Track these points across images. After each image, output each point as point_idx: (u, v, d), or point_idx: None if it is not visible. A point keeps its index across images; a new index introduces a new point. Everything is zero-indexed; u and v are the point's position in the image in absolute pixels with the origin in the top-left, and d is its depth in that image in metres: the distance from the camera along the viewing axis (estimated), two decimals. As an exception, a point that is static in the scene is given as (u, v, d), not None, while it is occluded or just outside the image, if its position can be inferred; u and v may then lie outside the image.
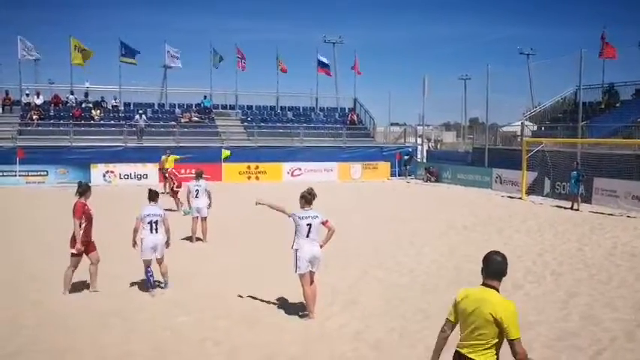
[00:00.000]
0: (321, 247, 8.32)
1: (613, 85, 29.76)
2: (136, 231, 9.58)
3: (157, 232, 9.53)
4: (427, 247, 13.79)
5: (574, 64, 26.62)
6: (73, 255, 9.29)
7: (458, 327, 4.51)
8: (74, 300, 9.21)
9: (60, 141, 30.61)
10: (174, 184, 19.99)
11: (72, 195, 9.76)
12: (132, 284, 10.08)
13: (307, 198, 8.30)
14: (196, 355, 7.06)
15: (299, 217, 8.15)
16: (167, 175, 19.91)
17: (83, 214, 9.16)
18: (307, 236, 8.14)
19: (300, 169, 32.71)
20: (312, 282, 8.30)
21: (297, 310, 8.69)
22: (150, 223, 9.47)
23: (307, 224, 8.13)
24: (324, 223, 8.28)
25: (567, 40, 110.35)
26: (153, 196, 9.89)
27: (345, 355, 7.03)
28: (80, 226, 9.12)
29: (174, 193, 19.86)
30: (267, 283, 9.94)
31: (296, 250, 8.17)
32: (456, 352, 4.45)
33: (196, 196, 14.01)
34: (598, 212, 19.82)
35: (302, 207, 8.28)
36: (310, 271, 8.23)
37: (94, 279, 9.63)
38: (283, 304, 9.02)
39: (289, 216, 8.28)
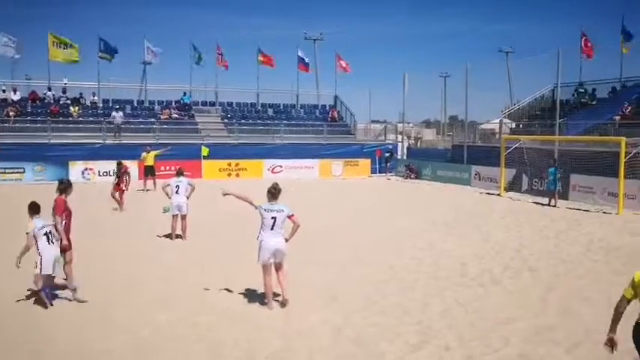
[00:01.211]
0: (286, 240, 8.61)
1: (582, 84, 30.23)
2: (27, 248, 8.71)
3: (53, 242, 8.82)
4: (407, 243, 13.89)
5: (552, 63, 26.95)
6: (64, 251, 9.10)
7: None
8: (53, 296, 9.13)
9: (37, 138, 30.20)
10: (124, 182, 19.39)
11: (49, 192, 9.66)
12: (112, 281, 10.01)
13: (272, 192, 8.59)
14: (177, 351, 7.04)
15: (264, 210, 8.49)
16: (122, 172, 19.57)
17: (64, 211, 9.04)
18: (272, 229, 8.46)
19: (280, 166, 32.70)
20: (279, 272, 8.65)
21: (277, 305, 8.71)
22: (45, 234, 8.70)
23: (272, 217, 8.45)
24: (289, 217, 8.56)
25: (547, 39, 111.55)
26: (36, 209, 9.04)
27: (324, 349, 7.07)
28: (61, 223, 9.00)
29: (120, 192, 19.16)
30: (247, 280, 9.92)
31: (260, 241, 8.52)
32: (637, 323, 5.10)
33: (177, 193, 13.93)
34: (575, 208, 20.11)
35: (268, 201, 8.57)
36: (275, 262, 8.58)
37: (70, 280, 9.47)
38: (264, 300, 9.01)
39: (256, 208, 8.58)
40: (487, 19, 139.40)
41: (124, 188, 19.29)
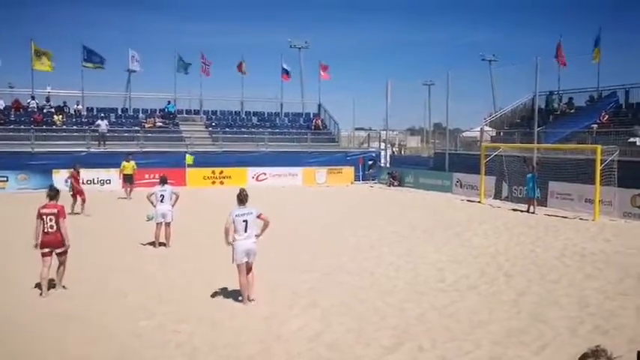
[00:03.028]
0: (257, 236, 9.31)
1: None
2: None
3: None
4: (387, 249, 14.15)
5: (533, 71, 27.42)
6: (66, 252, 9.93)
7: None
8: (36, 303, 9.29)
9: (21, 146, 30.13)
10: (75, 189, 20.26)
11: (32, 201, 9.89)
12: (94, 288, 10.16)
13: (240, 198, 9.29)
14: (158, 357, 7.22)
15: (235, 215, 9.14)
16: (72, 179, 20.51)
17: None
18: (245, 231, 9.14)
19: (265, 174, 32.88)
20: (249, 272, 9.29)
21: (257, 312, 8.94)
22: None
23: (243, 220, 9.14)
24: (259, 216, 9.26)
25: (530, 47, 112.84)
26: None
27: (301, 355, 7.28)
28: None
29: (74, 196, 19.99)
30: (228, 286, 10.12)
31: (234, 243, 9.14)
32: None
33: (161, 201, 14.07)
34: (553, 215, 20.51)
35: (238, 206, 9.23)
36: (246, 262, 9.21)
37: (61, 278, 10.05)
38: (243, 306, 9.24)
39: (228, 244, 9.26)
40: (471, 28, 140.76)
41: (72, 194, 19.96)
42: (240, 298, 9.44)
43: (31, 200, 11.60)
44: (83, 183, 28.72)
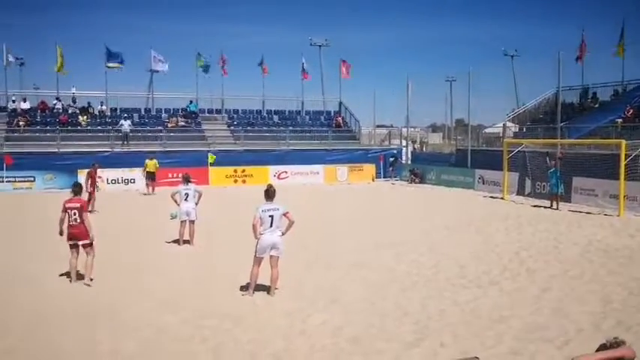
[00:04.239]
0: (283, 234, 9.49)
1: (588, 88, 30.41)
2: None
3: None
4: (408, 246, 14.17)
5: (555, 66, 27.19)
6: (92, 244, 10.43)
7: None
8: (64, 299, 9.52)
9: (47, 147, 30.69)
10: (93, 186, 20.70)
11: (59, 200, 10.28)
12: (120, 284, 10.38)
13: (268, 193, 9.55)
14: (182, 352, 7.36)
15: (262, 210, 9.32)
16: (90, 177, 20.89)
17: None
18: (270, 226, 9.33)
19: (286, 172, 33.01)
20: (274, 267, 9.53)
21: (281, 307, 9.06)
22: None
23: (269, 215, 9.32)
24: (285, 214, 9.46)
25: (553, 42, 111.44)
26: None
27: (324, 348, 7.37)
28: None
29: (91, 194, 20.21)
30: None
31: (260, 237, 9.36)
32: None
33: (186, 200, 14.24)
34: (577, 211, 20.31)
35: (265, 201, 9.46)
36: (272, 257, 9.47)
37: (89, 271, 10.43)
38: (267, 302, 9.37)
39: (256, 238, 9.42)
40: (492, 23, 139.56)
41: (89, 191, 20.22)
42: (267, 292, 9.65)
43: (57, 200, 11.88)
44: (108, 183, 29.49)
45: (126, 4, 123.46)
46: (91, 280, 10.38)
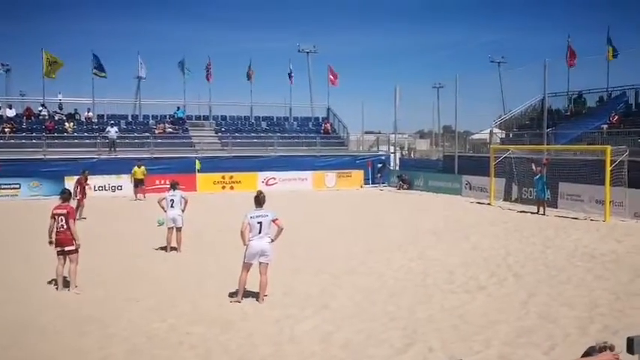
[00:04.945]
0: (272, 241, 9.45)
1: (581, 94, 30.63)
2: None
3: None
4: (397, 252, 14.21)
5: (542, 73, 27.39)
6: (76, 251, 10.38)
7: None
8: (53, 306, 9.45)
9: (33, 154, 30.43)
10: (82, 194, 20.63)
11: (45, 207, 10.16)
12: (108, 291, 10.31)
13: (257, 200, 9.50)
14: (171, 358, 7.32)
15: (251, 217, 9.32)
16: (80, 184, 20.79)
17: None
18: (259, 232, 9.31)
19: (274, 179, 32.99)
20: (263, 276, 9.49)
21: (270, 313, 9.04)
22: None
23: (258, 222, 9.30)
24: (274, 221, 9.43)
25: (539, 48, 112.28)
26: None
27: (314, 354, 7.37)
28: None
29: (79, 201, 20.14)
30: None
31: (248, 243, 9.34)
32: None
33: (172, 206, 14.21)
34: (563, 216, 20.47)
35: (255, 207, 9.43)
36: (261, 263, 9.42)
37: (73, 279, 10.39)
38: (256, 308, 9.35)
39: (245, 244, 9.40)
40: (479, 30, 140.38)
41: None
42: (256, 299, 9.63)
43: (43, 207, 11.83)
44: (95, 190, 29.28)
45: (113, 10, 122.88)
46: (76, 287, 10.32)
